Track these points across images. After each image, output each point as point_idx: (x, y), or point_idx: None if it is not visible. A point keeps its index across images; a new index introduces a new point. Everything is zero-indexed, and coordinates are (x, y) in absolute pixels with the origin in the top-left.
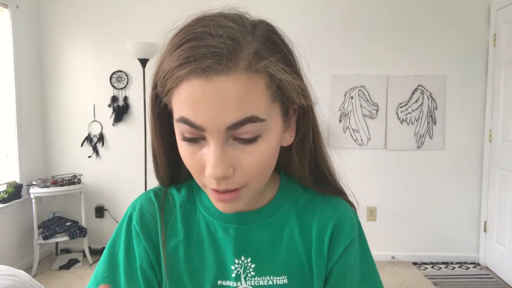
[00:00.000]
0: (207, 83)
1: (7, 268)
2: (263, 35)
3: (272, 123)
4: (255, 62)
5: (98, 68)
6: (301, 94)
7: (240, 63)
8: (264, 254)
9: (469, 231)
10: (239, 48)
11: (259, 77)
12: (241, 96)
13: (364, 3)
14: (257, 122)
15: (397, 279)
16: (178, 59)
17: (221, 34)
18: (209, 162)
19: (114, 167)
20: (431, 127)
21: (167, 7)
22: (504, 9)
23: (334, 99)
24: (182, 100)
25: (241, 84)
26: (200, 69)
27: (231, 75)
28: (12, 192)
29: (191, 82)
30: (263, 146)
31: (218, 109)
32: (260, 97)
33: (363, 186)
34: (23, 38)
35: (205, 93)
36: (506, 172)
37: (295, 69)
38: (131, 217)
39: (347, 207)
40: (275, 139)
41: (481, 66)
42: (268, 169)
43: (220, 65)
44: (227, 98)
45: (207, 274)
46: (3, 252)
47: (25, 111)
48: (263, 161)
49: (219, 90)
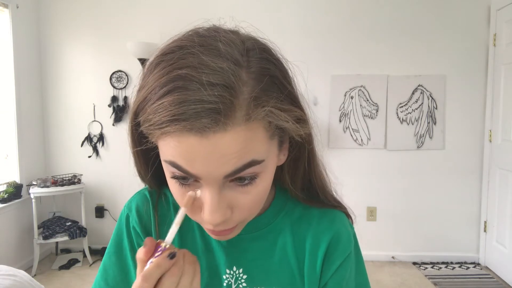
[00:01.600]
0: (203, 140)
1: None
2: (258, 69)
3: (270, 160)
4: (253, 111)
5: (98, 68)
6: (300, 125)
7: (238, 117)
8: (256, 265)
9: (469, 231)
10: (235, 98)
11: (257, 124)
12: (240, 148)
13: (364, 3)
14: (256, 165)
15: (397, 279)
16: (166, 113)
17: (212, 82)
18: (206, 208)
19: (114, 167)
20: (431, 127)
21: (166, 7)
22: (504, 9)
23: (334, 99)
24: (174, 149)
25: (240, 136)
26: (195, 128)
27: (229, 131)
28: (12, 192)
29: (184, 137)
30: (261, 184)
31: (215, 163)
32: (260, 142)
33: (363, 186)
34: (23, 38)
35: (201, 149)
36: (506, 172)
37: (293, 97)
38: (128, 219)
39: (344, 220)
40: (272, 172)
41: (481, 66)
42: (263, 201)
43: (217, 124)
44: (225, 153)
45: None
46: (3, 252)
47: (25, 111)
48: (261, 197)
49: (216, 146)
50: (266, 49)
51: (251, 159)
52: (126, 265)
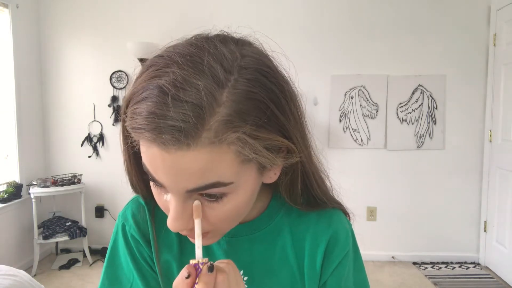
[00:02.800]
0: (165, 153)
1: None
2: (242, 91)
3: (243, 182)
4: (223, 134)
5: (98, 68)
6: (285, 153)
7: (203, 138)
8: (256, 266)
9: (469, 231)
10: (203, 119)
11: (226, 148)
12: (201, 168)
13: (364, 3)
14: (221, 186)
15: (397, 279)
16: (137, 119)
17: (183, 99)
18: (169, 215)
19: (114, 167)
20: (431, 127)
21: (167, 7)
22: (504, 9)
23: (334, 99)
24: (144, 153)
25: (203, 158)
26: (157, 141)
27: (191, 150)
28: (12, 192)
29: (150, 147)
30: (230, 203)
31: (176, 177)
32: (227, 165)
33: (363, 186)
34: (23, 38)
35: (163, 162)
36: (506, 172)
37: (280, 126)
38: (125, 228)
39: (341, 218)
40: (247, 193)
41: (481, 66)
42: (239, 217)
43: (179, 141)
44: (186, 170)
45: None
46: (3, 252)
47: (25, 111)
48: (231, 214)
49: (177, 162)
50: (263, 71)
51: (215, 180)
52: (119, 277)
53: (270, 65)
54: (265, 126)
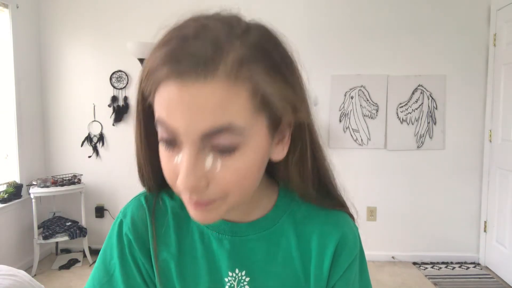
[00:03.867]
0: (183, 88)
1: (7, 268)
2: (254, 42)
3: (254, 135)
4: (237, 70)
5: (98, 68)
6: (291, 108)
7: (220, 70)
8: (259, 267)
9: (469, 231)
10: (221, 53)
11: (241, 86)
12: (218, 104)
13: (364, 3)
14: (235, 132)
15: (397, 279)
16: (157, 60)
17: (204, 37)
18: (181, 171)
19: (114, 167)
20: (431, 127)
21: (167, 7)
22: (504, 9)
23: (334, 99)
24: (160, 101)
25: (219, 92)
26: (176, 73)
27: (209, 82)
28: (12, 192)
29: (168, 85)
30: (242, 159)
31: (193, 115)
32: (241, 107)
33: (363, 186)
34: (23, 38)
35: (180, 97)
36: (506, 172)
37: (290, 81)
38: (122, 224)
39: (349, 222)
40: (257, 153)
41: (481, 66)
42: (249, 185)
43: (196, 72)
44: (203, 105)
45: (200, 285)
46: (3, 252)
47: (25, 111)
48: (241, 175)
49: (195, 96)
50: (271, 33)
51: (229, 122)
52: (110, 270)
53: (273, 31)
54: (276, 75)
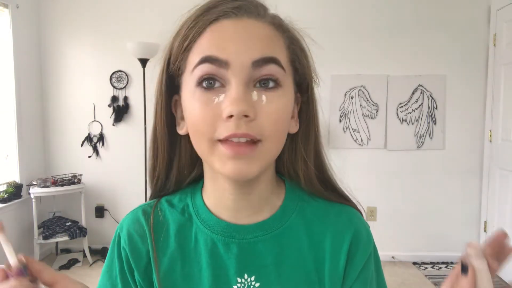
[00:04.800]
0: (237, 21)
1: None
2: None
3: (288, 85)
4: (278, 23)
5: (98, 68)
6: (309, 74)
7: (267, 16)
8: (269, 271)
9: (469, 231)
10: (266, 7)
11: (280, 35)
12: (268, 37)
13: (364, 3)
14: (279, 67)
15: (397, 279)
16: (202, 9)
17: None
18: (230, 99)
19: (114, 167)
20: (431, 127)
21: (167, 7)
22: (504, 9)
23: (334, 99)
24: (207, 43)
25: (267, 30)
26: (232, 7)
27: (259, 20)
28: (12, 192)
29: (220, 22)
30: (282, 98)
31: (245, 43)
32: (281, 50)
33: (363, 186)
34: (23, 38)
35: (234, 29)
36: (506, 172)
37: (307, 57)
38: (120, 238)
39: (361, 218)
40: (289, 101)
41: (481, 66)
42: (283, 131)
43: (250, 8)
44: (255, 35)
45: None
46: (3, 252)
47: (25, 111)
48: (280, 115)
49: (248, 27)
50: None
51: (275, 55)
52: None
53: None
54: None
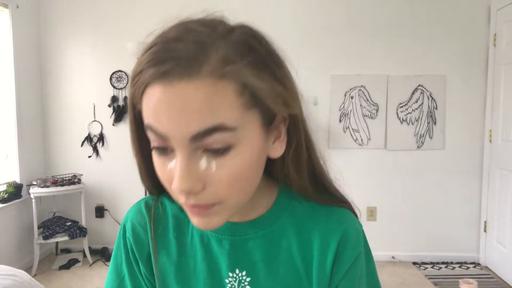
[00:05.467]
0: (167, 87)
1: (7, 268)
2: (238, 39)
3: (247, 132)
4: (222, 68)
5: (98, 68)
6: (282, 103)
7: (204, 68)
8: (259, 267)
9: (469, 231)
10: (204, 53)
11: (227, 83)
12: (205, 102)
13: (364, 3)
14: (226, 131)
15: (397, 279)
16: (142, 64)
17: (187, 39)
18: (176, 175)
19: (114, 167)
20: (431, 127)
21: (167, 7)
22: (504, 9)
23: (334, 99)
24: (147, 106)
25: (205, 90)
26: (160, 72)
27: (194, 80)
28: (12, 192)
29: (153, 87)
30: (237, 158)
31: (180, 116)
32: (229, 104)
33: (363, 186)
34: (23, 38)
35: (166, 98)
36: (506, 172)
37: (278, 75)
38: (125, 229)
39: (352, 218)
40: (252, 151)
41: (481, 66)
42: (248, 184)
43: (180, 71)
44: (189, 104)
45: (200, 287)
46: (3, 252)
47: (25, 111)
48: (239, 175)
49: (180, 95)
50: (255, 31)
51: (219, 122)
52: (121, 272)
53: (258, 30)
54: (264, 71)
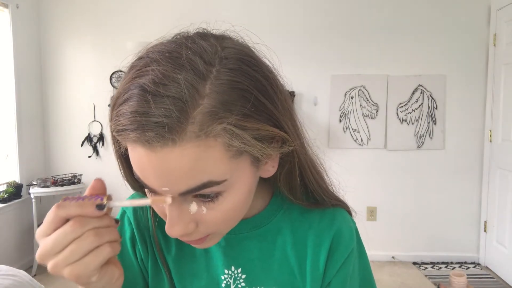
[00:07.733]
0: (151, 153)
1: (7, 268)
2: (226, 81)
3: (237, 178)
4: (208, 126)
5: (98, 68)
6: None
7: (188, 132)
8: (255, 264)
9: (469, 231)
10: (186, 113)
11: (213, 141)
12: (190, 166)
13: (364, 3)
14: (214, 185)
15: (397, 279)
16: (120, 121)
17: (164, 94)
18: (167, 220)
19: (114, 167)
20: (431, 127)
21: (167, 7)
22: (504, 9)
23: (334, 99)
24: (133, 159)
25: (191, 154)
26: (141, 140)
27: (177, 147)
28: (12, 192)
29: (135, 148)
30: (227, 201)
31: (166, 179)
32: (217, 161)
33: (363, 186)
34: (23, 38)
35: (150, 163)
36: (506, 172)
37: (272, 113)
38: (124, 213)
39: (345, 216)
40: (243, 190)
41: (481, 66)
42: (240, 214)
43: (163, 138)
44: (174, 170)
45: (197, 282)
46: (3, 252)
47: (25, 111)
48: (231, 213)
49: (164, 161)
50: (245, 60)
51: (207, 180)
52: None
53: (252, 55)
54: (253, 116)
